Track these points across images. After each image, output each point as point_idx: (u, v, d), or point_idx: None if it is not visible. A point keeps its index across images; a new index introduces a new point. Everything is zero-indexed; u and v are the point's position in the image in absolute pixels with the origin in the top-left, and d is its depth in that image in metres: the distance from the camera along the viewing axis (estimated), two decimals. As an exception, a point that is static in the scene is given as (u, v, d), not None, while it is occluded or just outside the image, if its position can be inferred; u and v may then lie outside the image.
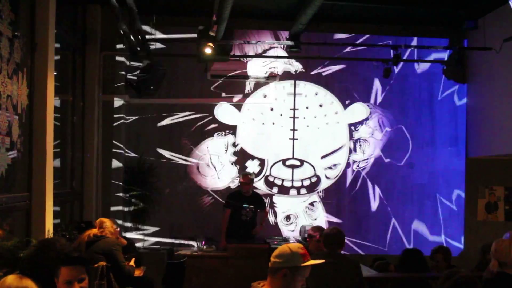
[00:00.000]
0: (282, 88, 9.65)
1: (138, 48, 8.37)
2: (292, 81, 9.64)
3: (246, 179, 8.44)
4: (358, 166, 9.72)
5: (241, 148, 9.55)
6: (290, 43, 8.70)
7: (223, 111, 9.51)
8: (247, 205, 8.32)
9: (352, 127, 9.72)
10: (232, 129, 9.52)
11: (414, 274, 6.20)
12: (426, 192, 9.83)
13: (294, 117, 9.64)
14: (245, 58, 9.39)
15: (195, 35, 8.40)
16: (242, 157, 9.55)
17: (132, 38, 7.99)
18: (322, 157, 9.68)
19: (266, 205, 8.48)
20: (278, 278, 3.17)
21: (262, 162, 9.59)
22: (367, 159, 9.73)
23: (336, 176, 9.69)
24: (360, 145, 9.72)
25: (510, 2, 5.78)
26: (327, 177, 9.68)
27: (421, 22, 9.41)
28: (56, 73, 5.98)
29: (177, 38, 9.23)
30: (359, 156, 9.72)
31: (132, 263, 6.21)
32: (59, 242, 4.03)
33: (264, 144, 9.59)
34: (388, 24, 9.44)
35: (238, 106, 9.54)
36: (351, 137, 9.71)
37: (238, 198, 8.43)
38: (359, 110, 9.75)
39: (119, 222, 8.22)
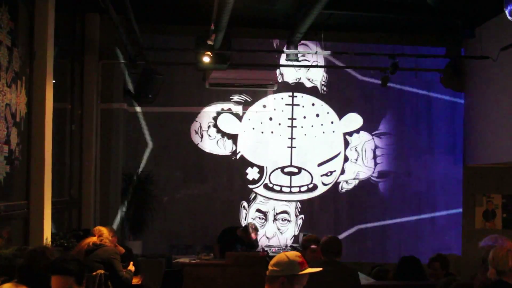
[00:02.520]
0: (280, 99, 9.74)
1: (136, 57, 8.40)
2: (290, 93, 9.73)
3: (255, 234, 8.37)
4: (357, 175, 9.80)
5: (242, 156, 9.60)
6: (289, 51, 8.75)
7: (225, 121, 9.58)
8: (240, 246, 8.32)
9: (347, 136, 9.78)
10: (233, 138, 9.58)
11: (412, 282, 6.19)
12: (423, 199, 9.84)
13: (292, 126, 9.71)
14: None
15: (193, 44, 8.44)
16: (242, 164, 9.60)
17: (130, 46, 8.02)
18: (319, 165, 9.73)
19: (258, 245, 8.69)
20: (275, 286, 3.17)
21: (261, 170, 9.64)
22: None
23: (331, 182, 9.74)
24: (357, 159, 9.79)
25: (506, 11, 5.82)
26: (323, 184, 9.73)
27: (419, 31, 9.45)
28: (54, 82, 6.00)
29: (175, 46, 9.25)
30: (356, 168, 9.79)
31: (131, 267, 6.19)
32: (49, 251, 4.04)
33: (264, 152, 9.66)
34: (385, 32, 9.48)
35: (239, 116, 9.61)
36: (346, 145, 9.77)
37: (232, 238, 8.36)
38: (354, 119, 9.82)
39: (117, 230, 8.20)
